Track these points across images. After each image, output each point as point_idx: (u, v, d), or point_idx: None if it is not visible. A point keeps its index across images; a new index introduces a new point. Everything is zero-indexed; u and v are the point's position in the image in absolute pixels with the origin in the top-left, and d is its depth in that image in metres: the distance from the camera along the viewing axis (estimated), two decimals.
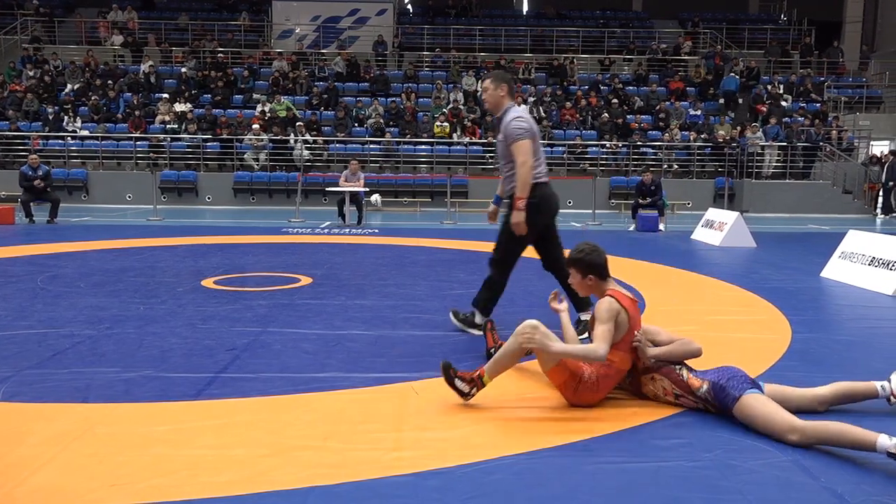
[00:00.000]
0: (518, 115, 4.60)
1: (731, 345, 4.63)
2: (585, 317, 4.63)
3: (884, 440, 2.73)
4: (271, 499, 2.48)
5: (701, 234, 11.35)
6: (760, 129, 19.12)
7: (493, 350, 3.79)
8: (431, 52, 23.84)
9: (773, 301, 6.12)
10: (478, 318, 4.84)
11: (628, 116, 20.13)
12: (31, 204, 12.83)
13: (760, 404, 3.08)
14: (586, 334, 4.10)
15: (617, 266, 8.03)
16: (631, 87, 21.86)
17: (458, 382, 3.43)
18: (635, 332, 3.42)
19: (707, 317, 5.51)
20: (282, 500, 2.48)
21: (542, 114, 19.99)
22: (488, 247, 4.41)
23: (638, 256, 8.96)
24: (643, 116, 20.28)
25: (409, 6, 27.86)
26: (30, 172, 12.74)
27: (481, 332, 4.63)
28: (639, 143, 19.22)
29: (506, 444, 2.95)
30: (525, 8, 28.78)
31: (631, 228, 13.11)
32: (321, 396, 3.53)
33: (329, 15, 24.18)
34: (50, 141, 18.79)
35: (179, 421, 3.18)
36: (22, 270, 7.30)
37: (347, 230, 12.25)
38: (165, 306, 5.61)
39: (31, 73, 21.08)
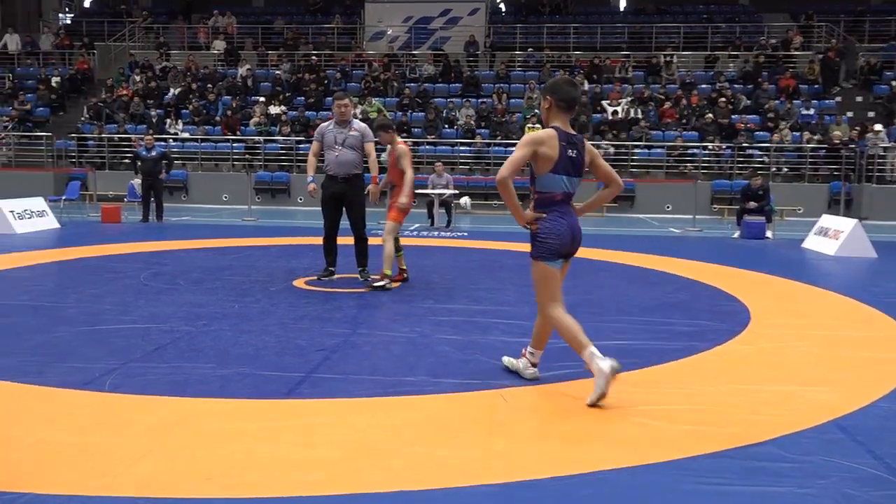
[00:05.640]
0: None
1: (847, 364, 4.37)
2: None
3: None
4: (363, 501, 2.53)
5: (813, 243, 10.77)
6: (884, 130, 17.95)
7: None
8: (524, 51, 23.75)
9: None
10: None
11: (733, 116, 19.38)
12: (141, 195, 13.23)
13: None
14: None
15: (720, 275, 7.79)
16: (737, 86, 21.03)
17: None
18: None
19: (820, 332, 5.21)
20: (374, 502, 2.52)
21: (640, 114, 19.53)
22: (579, 251, 4.33)
23: (743, 265, 8.60)
24: (750, 116, 19.47)
25: (502, 5, 27.87)
26: (144, 153, 13.17)
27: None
28: (745, 144, 18.46)
29: (600, 458, 2.89)
30: (622, 4, 28.21)
31: (735, 235, 12.62)
32: (409, 401, 3.57)
33: (421, 15, 24.53)
34: (156, 143, 19.90)
35: (270, 418, 3.30)
36: (127, 267, 7.78)
37: (436, 233, 12.37)
38: (259, 305, 5.84)
39: (137, 78, 22.46)
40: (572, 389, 3.78)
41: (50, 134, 20.08)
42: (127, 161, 18.11)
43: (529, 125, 19.25)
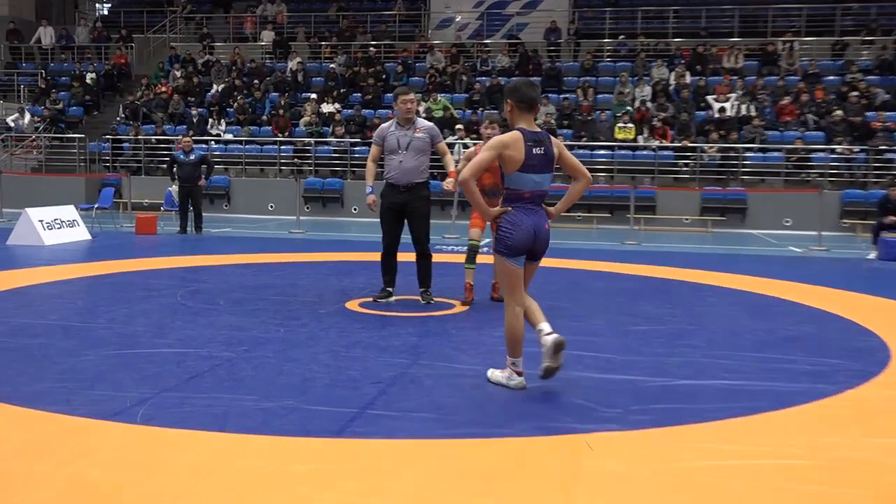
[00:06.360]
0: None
1: None
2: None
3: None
4: None
5: None
6: None
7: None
8: (614, 39, 23.60)
9: None
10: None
11: (868, 114, 18.74)
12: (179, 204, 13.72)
13: None
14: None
15: (852, 304, 7.53)
16: (872, 77, 20.34)
17: None
18: None
19: None
20: None
21: (753, 111, 19.10)
22: (680, 273, 4.27)
23: (881, 293, 8.28)
24: (889, 114, 18.79)
25: None
26: (181, 157, 13.63)
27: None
28: (882, 147, 17.81)
29: None
30: None
31: (871, 256, 12.18)
32: (477, 444, 3.56)
33: (494, 0, 24.72)
34: (196, 146, 20.63)
35: (320, 460, 3.34)
36: (163, 284, 8.06)
37: None
38: (307, 329, 5.95)
39: (178, 74, 23.34)
40: (668, 436, 3.69)
41: (83, 136, 21.08)
42: (164, 166, 18.83)
43: (620, 125, 19.08)
